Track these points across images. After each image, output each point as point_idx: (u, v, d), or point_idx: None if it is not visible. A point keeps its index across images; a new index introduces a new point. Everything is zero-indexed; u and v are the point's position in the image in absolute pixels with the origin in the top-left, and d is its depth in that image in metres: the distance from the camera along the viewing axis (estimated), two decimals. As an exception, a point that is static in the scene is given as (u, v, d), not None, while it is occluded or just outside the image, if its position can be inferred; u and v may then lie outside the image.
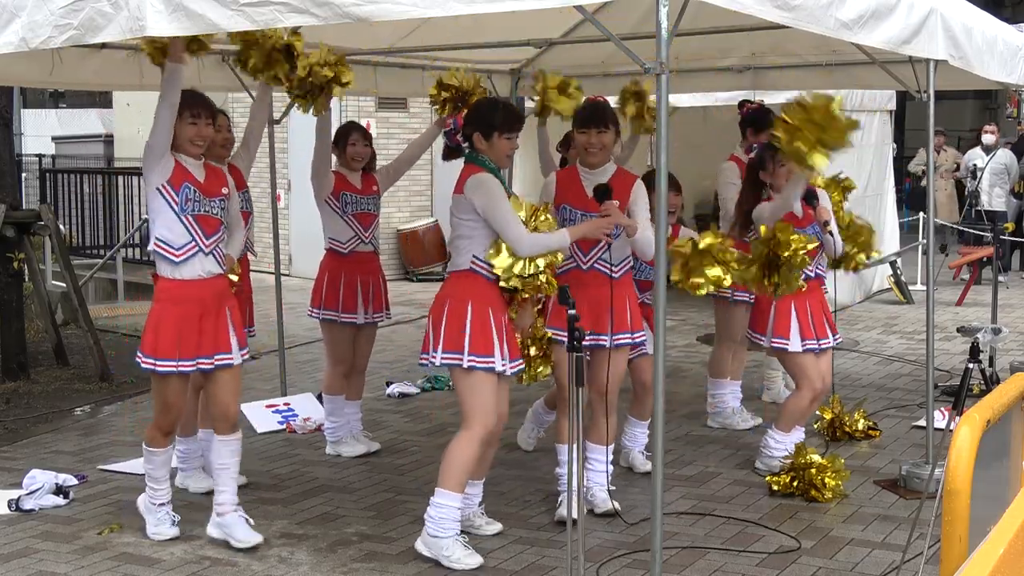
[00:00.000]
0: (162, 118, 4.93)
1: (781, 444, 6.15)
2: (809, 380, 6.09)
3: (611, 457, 5.74)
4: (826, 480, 5.82)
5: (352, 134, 6.50)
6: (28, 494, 5.86)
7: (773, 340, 6.10)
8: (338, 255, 6.51)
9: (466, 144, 5.13)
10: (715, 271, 5.22)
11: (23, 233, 8.96)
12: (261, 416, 7.42)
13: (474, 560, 4.94)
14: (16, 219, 8.87)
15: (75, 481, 6.15)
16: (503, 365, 4.94)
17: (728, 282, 5.33)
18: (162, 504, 5.37)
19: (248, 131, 6.31)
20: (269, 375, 8.43)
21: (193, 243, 5.03)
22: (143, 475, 5.43)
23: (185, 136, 5.04)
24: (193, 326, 5.06)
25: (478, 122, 5.02)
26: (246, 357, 5.36)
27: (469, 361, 4.88)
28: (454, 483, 4.95)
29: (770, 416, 6.97)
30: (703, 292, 5.34)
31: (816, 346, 6.06)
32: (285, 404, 7.61)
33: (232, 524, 5.22)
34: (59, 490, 5.95)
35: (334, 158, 6.46)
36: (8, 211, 8.78)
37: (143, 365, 5.11)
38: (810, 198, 6.05)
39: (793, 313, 6.04)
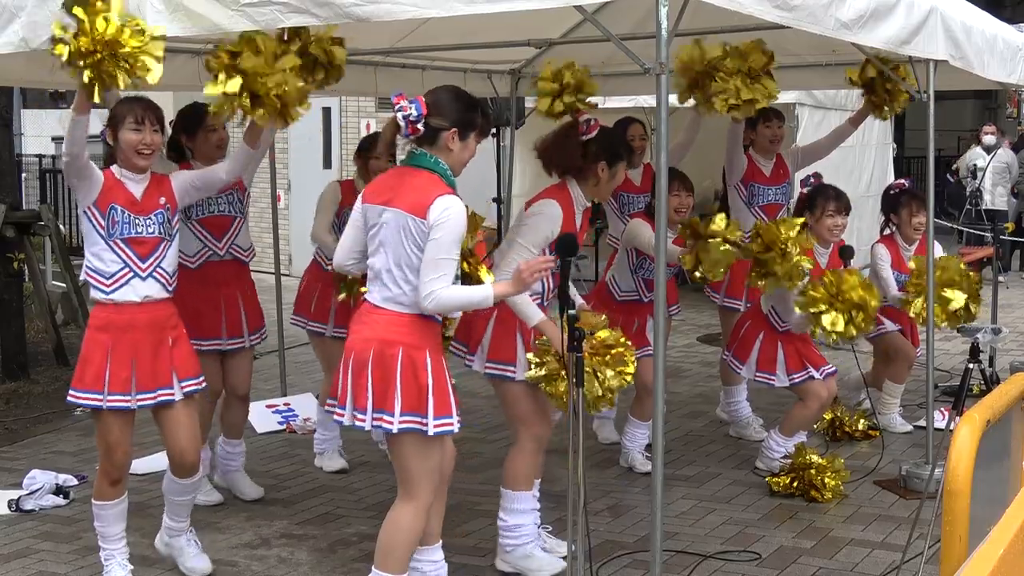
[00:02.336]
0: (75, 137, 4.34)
1: (782, 447, 6.16)
2: (816, 395, 6.12)
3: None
4: (826, 480, 5.82)
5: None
6: (28, 494, 5.87)
7: (757, 375, 6.21)
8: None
9: (422, 140, 4.11)
10: (724, 248, 5.26)
11: (23, 233, 8.96)
12: (262, 416, 7.42)
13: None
14: (16, 219, 8.88)
15: (75, 481, 6.15)
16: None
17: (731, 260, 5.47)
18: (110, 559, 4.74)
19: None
20: (269, 375, 8.43)
21: (126, 268, 4.51)
22: (144, 475, 5.41)
23: (129, 145, 4.49)
24: (125, 357, 4.49)
25: (456, 117, 4.12)
26: (198, 388, 4.75)
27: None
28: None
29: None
30: (721, 273, 5.39)
31: (809, 375, 6.13)
32: (285, 404, 7.62)
33: (182, 547, 4.93)
34: (59, 490, 5.96)
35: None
36: (8, 211, 8.79)
37: (67, 398, 4.60)
38: (846, 255, 6.18)
39: (780, 347, 6.14)
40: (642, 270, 6.08)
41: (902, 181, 7.01)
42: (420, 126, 4.01)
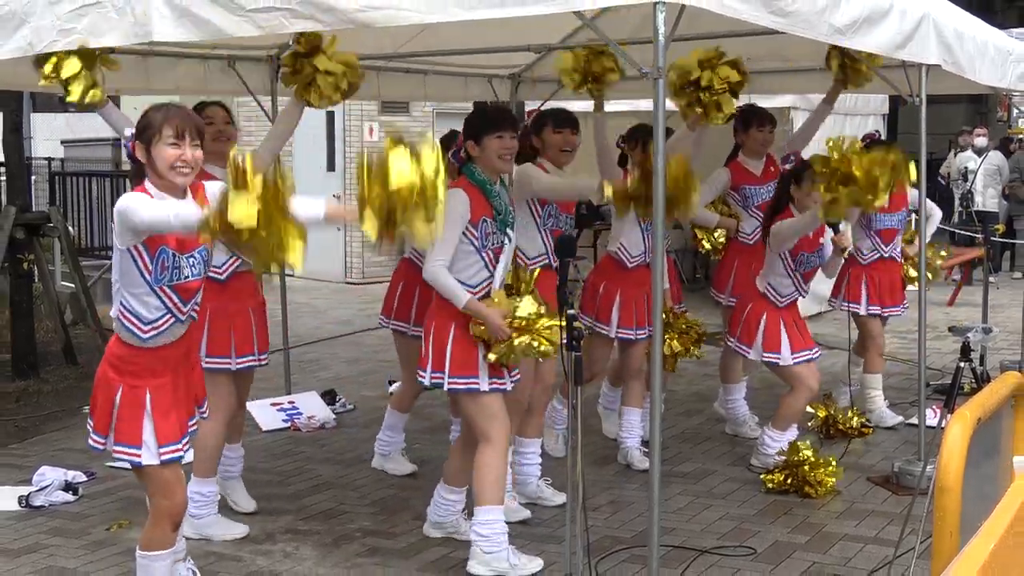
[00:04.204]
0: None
1: (777, 443, 6.15)
2: (807, 385, 6.12)
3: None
4: (819, 477, 5.82)
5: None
6: (38, 490, 5.86)
7: (764, 355, 6.17)
8: (415, 264, 5.90)
9: (464, 157, 4.88)
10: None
11: (33, 235, 8.96)
12: (266, 414, 7.43)
13: (535, 563, 4.87)
14: (26, 221, 8.87)
15: (84, 478, 6.15)
16: (492, 384, 4.80)
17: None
18: None
19: (269, 138, 5.58)
20: (274, 374, 8.42)
21: (168, 315, 3.95)
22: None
23: (164, 161, 3.79)
24: (166, 403, 4.01)
25: (467, 131, 4.86)
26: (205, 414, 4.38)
27: (450, 384, 4.78)
28: (497, 495, 4.86)
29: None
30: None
31: (809, 356, 6.15)
32: (290, 402, 7.62)
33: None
34: (68, 487, 5.95)
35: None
36: (18, 213, 8.78)
37: (120, 458, 4.05)
38: (834, 224, 6.12)
39: (782, 326, 6.11)
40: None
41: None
42: (462, 154, 4.88)
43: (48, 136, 20.68)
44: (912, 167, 5.72)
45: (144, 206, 3.68)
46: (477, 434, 4.84)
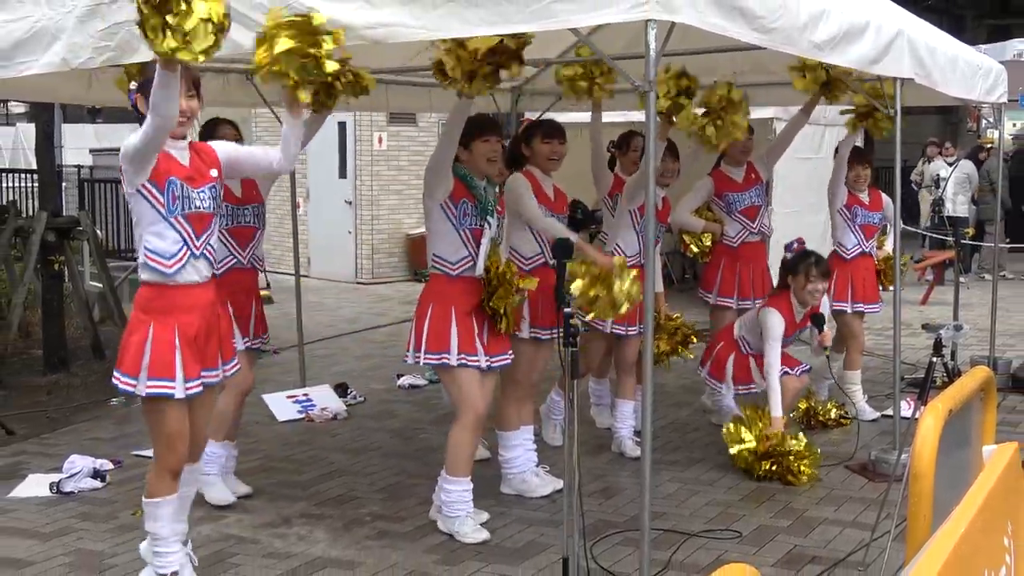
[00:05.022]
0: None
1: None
2: (791, 388, 6.22)
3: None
4: (802, 468, 5.82)
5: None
6: (68, 477, 5.86)
7: (738, 388, 6.46)
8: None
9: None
10: None
11: (63, 238, 8.96)
12: (282, 406, 7.43)
13: (481, 535, 5.01)
14: (57, 225, 8.88)
15: (111, 465, 6.15)
16: (460, 359, 4.93)
17: None
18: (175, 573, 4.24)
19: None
20: (290, 368, 8.42)
21: (185, 248, 4.03)
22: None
23: None
24: (191, 343, 4.06)
25: (461, 138, 4.95)
26: (236, 370, 4.42)
27: (425, 359, 4.96)
28: (461, 469, 5.04)
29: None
30: None
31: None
32: (304, 395, 7.62)
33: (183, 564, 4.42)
34: (96, 474, 5.95)
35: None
36: (49, 218, 8.79)
37: (143, 389, 4.05)
38: (819, 323, 6.26)
39: (751, 360, 6.33)
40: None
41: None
42: None
43: (77, 145, 20.67)
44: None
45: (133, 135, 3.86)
46: (455, 408, 5.09)
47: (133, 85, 4.10)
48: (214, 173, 4.16)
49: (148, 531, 4.26)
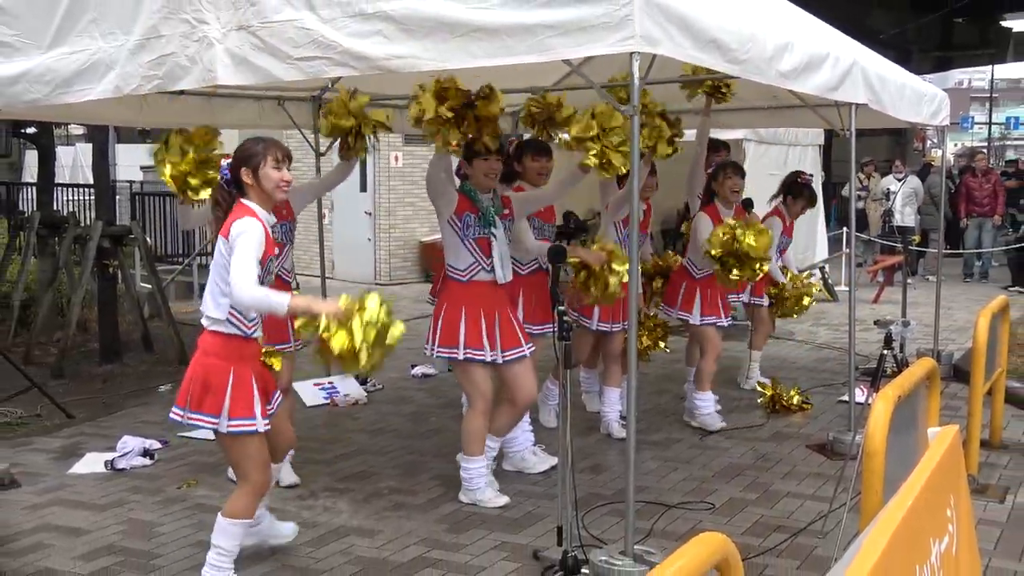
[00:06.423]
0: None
1: (707, 401, 6.51)
2: (714, 345, 6.45)
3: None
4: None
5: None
6: (121, 456, 5.86)
7: (678, 313, 6.50)
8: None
9: (463, 176, 5.15)
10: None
11: (117, 244, 8.95)
12: (309, 392, 7.42)
13: (501, 499, 5.09)
14: (111, 233, 8.88)
15: (159, 445, 6.15)
16: (467, 354, 4.92)
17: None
18: None
19: (321, 181, 5.89)
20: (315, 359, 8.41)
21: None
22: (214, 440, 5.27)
23: (271, 182, 3.87)
24: (252, 383, 3.96)
25: (463, 155, 5.01)
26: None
27: (437, 352, 4.99)
28: (476, 449, 5.08)
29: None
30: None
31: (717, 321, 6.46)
32: (329, 383, 7.61)
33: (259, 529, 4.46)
34: (146, 452, 5.95)
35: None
36: (105, 226, 8.79)
37: (229, 429, 3.85)
38: (748, 206, 6.53)
39: (697, 293, 6.43)
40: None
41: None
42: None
43: (130, 163, 20.64)
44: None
45: (250, 276, 3.68)
46: (467, 396, 5.17)
47: (225, 163, 3.96)
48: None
49: (214, 543, 3.99)
